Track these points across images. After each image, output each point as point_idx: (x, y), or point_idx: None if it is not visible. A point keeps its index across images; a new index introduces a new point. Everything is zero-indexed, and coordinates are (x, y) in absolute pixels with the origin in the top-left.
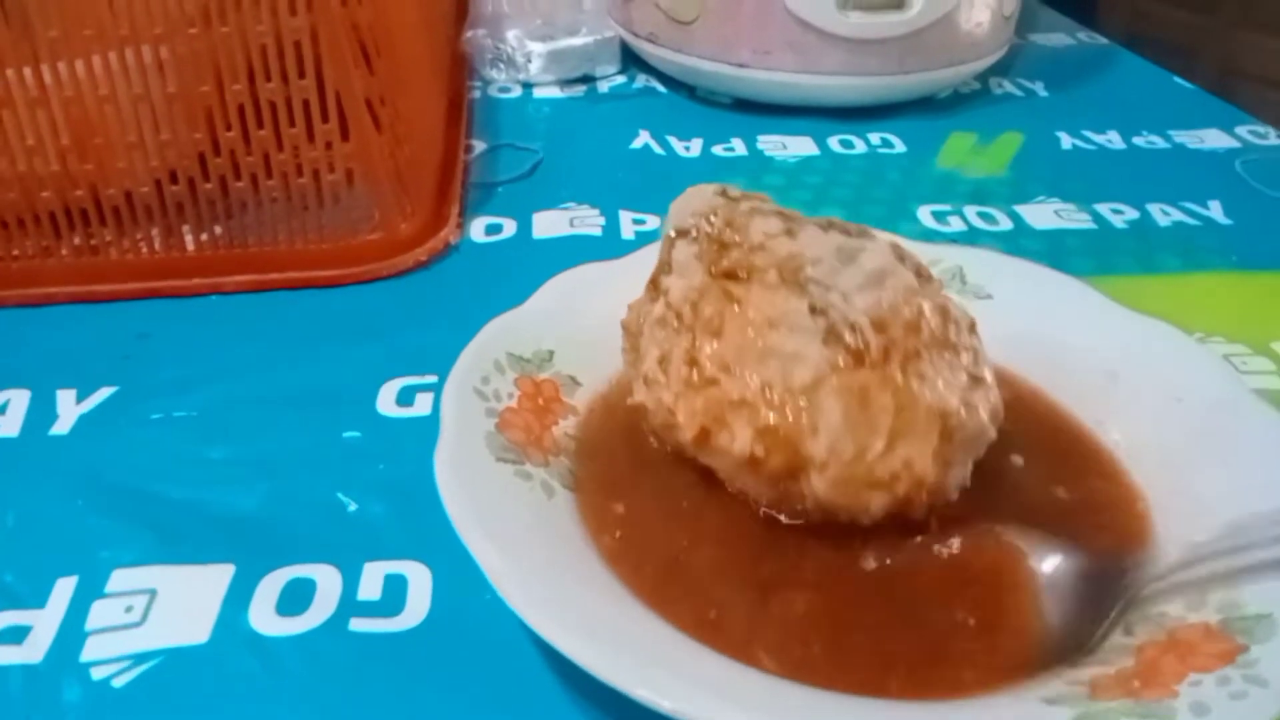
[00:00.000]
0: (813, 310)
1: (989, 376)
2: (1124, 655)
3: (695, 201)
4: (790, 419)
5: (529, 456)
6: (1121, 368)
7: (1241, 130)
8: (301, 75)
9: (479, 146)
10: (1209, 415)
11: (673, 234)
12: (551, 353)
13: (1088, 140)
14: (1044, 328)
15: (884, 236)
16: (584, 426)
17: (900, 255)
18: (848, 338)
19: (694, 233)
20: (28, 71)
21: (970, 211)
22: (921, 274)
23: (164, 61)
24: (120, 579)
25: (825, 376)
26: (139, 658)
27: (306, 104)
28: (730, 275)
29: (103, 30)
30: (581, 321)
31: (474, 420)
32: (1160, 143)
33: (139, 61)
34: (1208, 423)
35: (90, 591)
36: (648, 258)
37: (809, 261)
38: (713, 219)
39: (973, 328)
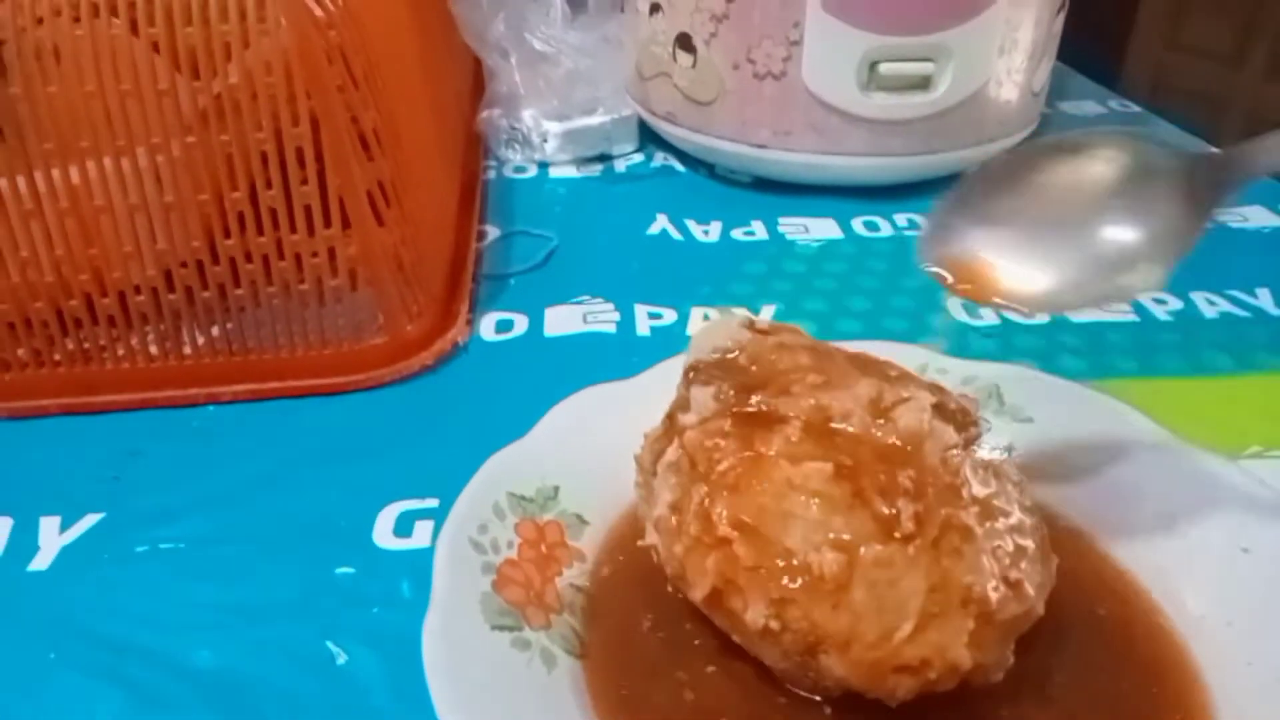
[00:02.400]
0: (838, 471)
1: (1040, 541)
2: None
3: (718, 335)
4: (808, 593)
5: (529, 618)
6: (1180, 510)
7: None
8: (304, 181)
9: (492, 233)
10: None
11: (691, 369)
12: (556, 489)
13: None
14: (1092, 459)
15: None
16: (592, 577)
17: (942, 406)
18: (876, 505)
19: (715, 370)
20: (21, 181)
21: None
22: (965, 420)
23: (161, 170)
24: None
25: (849, 548)
26: None
27: (309, 208)
28: (751, 422)
29: (98, 140)
30: (590, 451)
31: (469, 580)
32: None
33: (135, 170)
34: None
35: None
36: (665, 375)
37: (837, 415)
38: (736, 355)
39: (1021, 486)
